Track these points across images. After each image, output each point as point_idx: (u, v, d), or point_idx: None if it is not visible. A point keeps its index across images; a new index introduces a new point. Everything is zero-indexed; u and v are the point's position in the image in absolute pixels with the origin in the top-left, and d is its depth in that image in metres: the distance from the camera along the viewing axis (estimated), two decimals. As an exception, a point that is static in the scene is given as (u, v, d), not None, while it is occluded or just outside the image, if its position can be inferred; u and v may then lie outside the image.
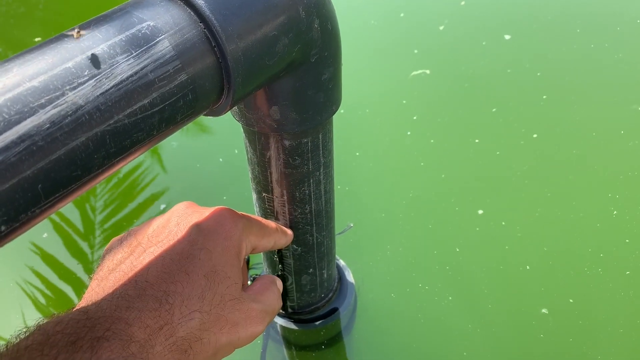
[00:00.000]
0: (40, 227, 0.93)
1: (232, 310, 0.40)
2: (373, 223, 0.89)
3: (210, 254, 0.41)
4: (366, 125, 1.05)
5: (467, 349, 0.73)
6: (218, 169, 1.00)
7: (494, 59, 1.15)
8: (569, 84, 1.07)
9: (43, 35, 1.38)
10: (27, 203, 0.27)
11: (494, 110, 1.04)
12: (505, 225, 0.86)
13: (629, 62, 1.10)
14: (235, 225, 0.44)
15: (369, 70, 1.17)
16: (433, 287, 0.80)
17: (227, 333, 0.40)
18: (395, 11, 1.31)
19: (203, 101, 0.34)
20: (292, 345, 0.75)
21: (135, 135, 0.30)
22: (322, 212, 0.57)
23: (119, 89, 0.29)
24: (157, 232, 0.43)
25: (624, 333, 0.72)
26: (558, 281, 0.78)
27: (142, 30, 0.30)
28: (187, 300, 0.38)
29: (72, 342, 0.32)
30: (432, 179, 0.94)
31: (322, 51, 0.41)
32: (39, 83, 0.27)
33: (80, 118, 0.27)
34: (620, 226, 0.83)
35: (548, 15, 1.24)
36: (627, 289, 0.76)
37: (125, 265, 0.40)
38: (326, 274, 0.66)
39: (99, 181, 0.31)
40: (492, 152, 0.97)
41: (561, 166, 0.93)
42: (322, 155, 0.51)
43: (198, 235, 0.41)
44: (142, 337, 0.34)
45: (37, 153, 0.26)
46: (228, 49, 0.33)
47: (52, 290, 0.84)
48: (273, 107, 0.43)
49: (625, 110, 1.00)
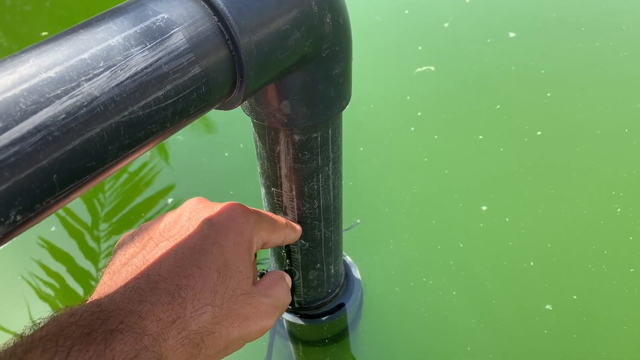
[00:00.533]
0: (48, 221, 0.93)
1: (243, 304, 0.40)
2: (376, 218, 0.89)
3: (222, 248, 0.41)
4: (370, 121, 1.05)
5: (471, 344, 0.73)
6: (223, 163, 1.00)
7: (498, 56, 1.15)
8: (573, 82, 1.07)
9: (50, 31, 1.38)
10: (42, 193, 0.27)
11: (498, 107, 1.04)
12: (509, 222, 0.86)
13: (634, 60, 1.09)
14: (246, 220, 0.44)
15: (373, 66, 1.17)
16: (437, 282, 0.80)
17: (239, 327, 0.40)
18: (400, 8, 1.30)
19: (216, 94, 0.33)
20: (298, 340, 0.75)
21: (149, 127, 0.30)
22: (330, 208, 0.57)
23: (133, 80, 0.29)
24: (169, 226, 0.43)
25: (627, 330, 0.72)
26: (562, 278, 0.78)
27: (157, 22, 0.30)
28: (199, 294, 0.38)
29: (86, 334, 0.32)
30: (435, 175, 0.94)
31: (333, 46, 0.41)
32: (55, 74, 0.27)
33: (95, 109, 0.27)
34: (624, 224, 0.83)
35: (553, 13, 1.23)
36: (631, 286, 0.76)
37: (138, 260, 0.40)
38: (333, 270, 0.66)
39: (113, 173, 0.31)
40: (496, 148, 0.97)
41: (565, 164, 0.93)
42: (331, 150, 0.51)
43: (210, 229, 0.41)
44: (155, 330, 0.35)
45: (53, 143, 0.26)
46: (241, 42, 0.33)
47: (60, 284, 0.84)
48: (284, 102, 0.43)
49: (630, 109, 1.00)
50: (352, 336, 0.75)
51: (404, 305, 0.78)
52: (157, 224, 0.44)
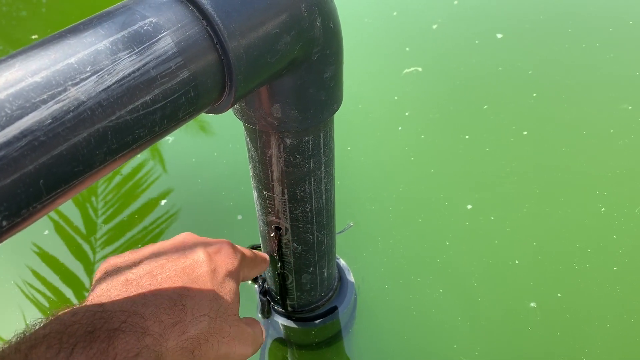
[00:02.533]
0: (41, 225, 0.92)
1: (232, 324, 0.43)
2: (364, 215, 0.89)
3: (216, 272, 0.44)
4: (358, 121, 1.04)
5: (457, 342, 0.73)
6: (218, 167, 1.00)
7: (486, 57, 1.15)
8: (560, 83, 1.07)
9: (45, 35, 1.37)
10: (28, 198, 0.26)
11: (485, 107, 1.04)
12: (494, 220, 0.85)
13: (620, 62, 1.09)
14: (235, 254, 0.47)
15: (362, 66, 1.16)
16: (425, 280, 0.79)
17: (227, 344, 0.42)
18: (389, 10, 1.30)
19: (205, 98, 0.33)
20: (292, 344, 0.74)
21: (137, 132, 0.30)
22: (322, 211, 0.56)
23: (121, 85, 0.28)
24: (164, 250, 0.45)
25: (610, 328, 0.72)
26: (546, 276, 0.78)
27: (145, 26, 0.30)
28: (198, 304, 0.40)
29: (89, 332, 0.33)
30: (422, 174, 0.93)
31: (323, 49, 0.40)
32: (41, 78, 0.26)
33: (82, 114, 0.27)
34: (608, 223, 0.83)
35: (540, 15, 1.23)
36: (615, 285, 0.76)
37: (133, 273, 0.41)
38: (326, 273, 0.65)
39: (101, 177, 0.30)
40: (482, 148, 0.96)
41: (550, 163, 0.93)
42: (323, 153, 0.50)
43: (206, 257, 0.44)
44: (157, 331, 0.36)
45: (39, 148, 0.26)
46: (230, 46, 0.32)
47: (53, 291, 0.83)
48: (274, 105, 0.43)
49: (615, 110, 1.00)
50: (344, 332, 0.74)
51: (394, 302, 0.77)
52: (148, 251, 0.45)
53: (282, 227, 0.56)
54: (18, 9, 1.44)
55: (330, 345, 0.74)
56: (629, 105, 1.00)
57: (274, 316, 0.70)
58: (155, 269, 0.41)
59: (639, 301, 0.75)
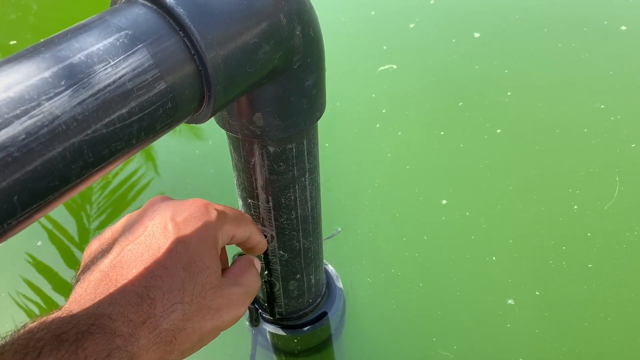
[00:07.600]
0: (35, 236, 0.90)
1: (213, 297, 0.40)
2: (340, 209, 0.88)
3: (187, 245, 0.40)
4: (336, 118, 1.03)
5: (436, 335, 0.73)
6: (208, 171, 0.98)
7: (462, 55, 1.14)
8: (534, 82, 1.07)
9: (35, 40, 1.34)
10: (2, 215, 0.25)
11: (460, 105, 1.03)
12: (469, 216, 0.85)
13: (595, 62, 1.09)
14: (209, 215, 0.42)
15: (339, 65, 1.15)
16: (405, 274, 0.79)
17: (211, 319, 0.40)
18: (367, 9, 1.29)
19: (183, 109, 0.32)
20: (280, 351, 0.73)
21: (114, 145, 0.29)
22: (308, 218, 0.55)
23: (96, 98, 0.27)
24: (134, 229, 0.41)
25: (588, 326, 0.72)
26: (523, 273, 0.78)
27: (120, 39, 0.28)
28: (167, 293, 0.37)
29: (57, 335, 0.32)
30: (397, 170, 0.93)
31: (304, 58, 0.39)
32: (14, 93, 0.25)
33: (57, 128, 0.26)
34: (582, 220, 0.83)
35: (516, 14, 1.23)
36: (590, 282, 0.76)
37: (105, 265, 0.39)
38: (314, 280, 0.64)
39: (79, 191, 0.29)
40: (457, 144, 0.96)
41: (523, 161, 0.93)
42: (307, 161, 0.49)
43: (173, 228, 0.40)
44: (126, 330, 0.34)
45: (13, 164, 0.25)
46: (208, 57, 0.31)
47: (46, 301, 0.81)
48: (256, 114, 0.41)
49: (589, 109, 1.00)
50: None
51: (375, 296, 0.77)
52: (122, 226, 0.42)
53: (267, 235, 0.55)
54: (8, 13, 1.41)
55: (319, 351, 0.73)
56: (601, 105, 1.00)
57: (262, 324, 0.70)
58: (124, 256, 0.39)
59: (614, 298, 0.75)
